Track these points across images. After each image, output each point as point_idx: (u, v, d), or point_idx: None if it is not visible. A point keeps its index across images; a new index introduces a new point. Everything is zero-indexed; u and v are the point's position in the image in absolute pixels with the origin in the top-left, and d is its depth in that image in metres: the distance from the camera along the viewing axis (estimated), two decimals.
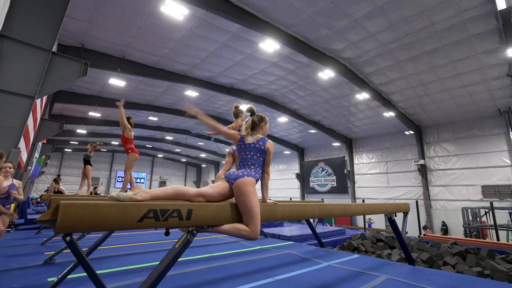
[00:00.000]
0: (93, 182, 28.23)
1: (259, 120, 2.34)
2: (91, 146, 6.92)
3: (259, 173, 2.13)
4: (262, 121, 2.35)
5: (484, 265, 4.62)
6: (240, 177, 1.97)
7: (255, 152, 2.17)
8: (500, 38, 8.39)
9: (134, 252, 4.11)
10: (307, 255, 4.13)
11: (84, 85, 12.42)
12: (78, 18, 8.07)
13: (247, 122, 2.37)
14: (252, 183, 1.97)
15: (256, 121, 2.33)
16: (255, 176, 2.06)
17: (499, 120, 13.75)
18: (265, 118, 2.40)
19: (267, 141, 2.21)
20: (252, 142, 2.21)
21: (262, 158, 2.18)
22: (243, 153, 2.22)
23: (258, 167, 2.14)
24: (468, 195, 14.30)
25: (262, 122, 2.34)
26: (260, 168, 2.16)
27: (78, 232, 1.30)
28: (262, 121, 2.35)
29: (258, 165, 2.15)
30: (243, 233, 1.83)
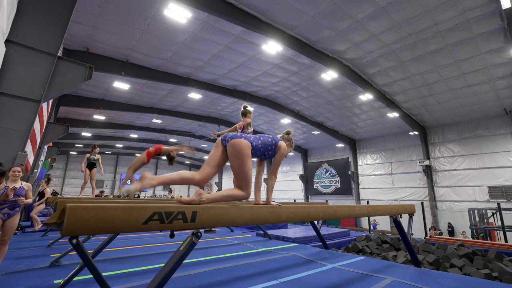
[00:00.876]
0: (98, 184, 28.47)
1: (287, 139, 2.44)
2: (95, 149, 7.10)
3: (257, 142, 2.11)
4: (288, 141, 2.43)
5: (492, 267, 4.55)
6: (236, 137, 1.94)
7: (269, 135, 2.24)
8: (505, 37, 8.31)
9: (140, 254, 4.12)
10: (311, 257, 4.11)
11: (89, 89, 12.56)
12: (83, 23, 8.17)
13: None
14: (247, 146, 1.97)
15: (285, 138, 2.43)
16: (253, 142, 2.06)
17: (505, 120, 13.58)
18: (292, 141, 2.47)
19: (282, 141, 2.27)
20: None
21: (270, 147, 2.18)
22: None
23: (261, 141, 2.14)
24: (475, 196, 14.12)
25: (287, 142, 2.42)
26: (261, 143, 2.14)
27: (84, 235, 1.32)
28: (288, 141, 2.43)
29: (263, 141, 2.15)
30: (239, 197, 1.90)
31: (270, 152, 2.20)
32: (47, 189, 7.20)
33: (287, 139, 2.42)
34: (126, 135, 21.59)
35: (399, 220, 3.58)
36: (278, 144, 2.21)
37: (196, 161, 33.93)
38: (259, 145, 2.11)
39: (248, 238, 6.06)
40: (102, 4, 7.48)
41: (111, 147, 26.22)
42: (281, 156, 2.22)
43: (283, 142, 2.27)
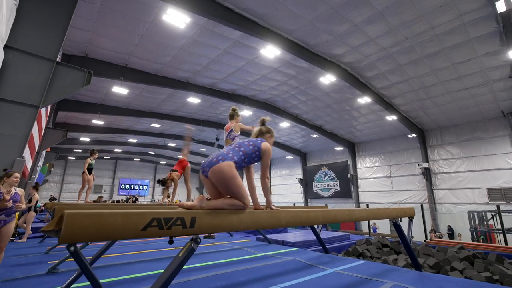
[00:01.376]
0: (96, 189, 28.34)
1: (266, 131, 2.44)
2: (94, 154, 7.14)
3: (240, 158, 1.98)
4: (268, 132, 2.44)
5: (493, 270, 4.54)
6: (214, 164, 1.86)
7: (249, 143, 2.16)
8: (501, 40, 8.39)
9: (138, 260, 4.09)
10: (311, 262, 4.08)
11: (88, 94, 12.56)
12: (82, 28, 8.20)
13: (255, 130, 2.50)
14: (227, 166, 1.85)
15: (264, 131, 2.44)
16: (233, 158, 1.93)
17: (503, 122, 13.65)
18: (272, 130, 2.48)
19: (265, 143, 2.21)
20: (252, 137, 2.36)
21: (252, 153, 2.09)
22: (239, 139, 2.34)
23: (242, 155, 2.02)
24: (474, 198, 14.13)
25: (267, 134, 2.43)
26: (245, 156, 2.03)
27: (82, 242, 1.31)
28: (268, 133, 2.44)
29: (244, 153, 2.04)
30: (238, 208, 1.86)
31: (255, 158, 2.14)
32: (36, 195, 7.05)
33: (266, 132, 2.43)
34: (125, 140, 21.56)
35: (399, 224, 3.57)
36: (261, 148, 2.15)
37: (195, 165, 33.83)
38: (241, 157, 2.01)
39: (248, 243, 6.02)
40: (101, 10, 7.52)
41: (109, 152, 26.16)
42: (268, 157, 2.18)
43: (265, 142, 2.21)
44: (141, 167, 32.57)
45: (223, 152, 2.00)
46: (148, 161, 32.16)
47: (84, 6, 7.17)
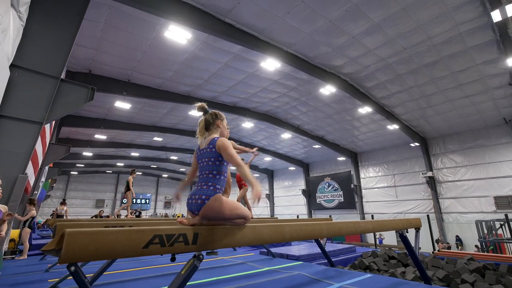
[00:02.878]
0: (98, 204, 28.23)
1: (212, 118, 2.06)
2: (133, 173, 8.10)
3: (219, 181, 1.88)
4: (217, 118, 2.07)
5: (505, 282, 4.38)
6: (200, 206, 1.78)
7: (208, 157, 1.90)
8: (499, 48, 8.48)
9: (140, 277, 4.00)
10: (317, 276, 3.97)
11: (91, 109, 12.73)
12: (86, 46, 8.41)
13: (200, 123, 2.09)
14: (214, 202, 1.77)
15: (210, 120, 2.06)
16: (215, 190, 1.82)
17: (505, 129, 13.59)
18: (219, 114, 2.09)
19: (217, 140, 1.91)
20: (204, 148, 1.95)
21: (218, 162, 1.89)
22: (199, 161, 1.98)
23: (217, 175, 1.88)
24: (481, 207, 13.87)
25: (217, 120, 2.06)
26: (220, 174, 1.90)
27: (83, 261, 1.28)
28: (217, 119, 2.06)
29: (217, 171, 1.89)
30: (239, 222, 1.85)
31: (219, 158, 1.91)
32: (32, 211, 6.97)
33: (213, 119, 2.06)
34: (127, 154, 21.63)
35: (405, 235, 3.49)
36: (215, 145, 1.89)
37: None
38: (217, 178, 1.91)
39: (252, 257, 5.90)
40: (104, 28, 7.73)
41: (112, 166, 26.22)
42: (225, 149, 1.85)
43: (220, 139, 1.92)
44: (143, 181, 32.50)
45: (203, 189, 1.85)
46: (150, 174, 32.13)
47: (88, 25, 7.38)
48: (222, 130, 2.10)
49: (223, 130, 2.11)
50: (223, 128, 2.11)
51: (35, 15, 4.54)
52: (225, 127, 2.14)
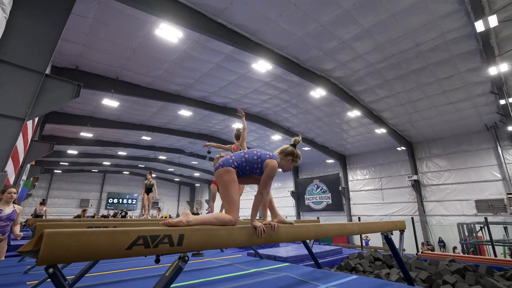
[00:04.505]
0: (83, 204, 27.47)
1: (287, 152, 2.27)
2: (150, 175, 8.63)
3: (240, 161, 2.07)
4: (289, 154, 2.26)
5: (483, 283, 4.54)
6: (216, 169, 2.06)
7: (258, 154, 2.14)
8: (482, 57, 8.82)
9: (124, 279, 3.91)
10: (304, 278, 4.00)
11: (77, 106, 12.40)
12: (74, 41, 8.19)
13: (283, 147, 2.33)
14: (226, 172, 2.00)
15: (285, 151, 2.28)
16: (233, 163, 2.03)
17: (487, 135, 14.12)
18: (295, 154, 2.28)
19: (272, 159, 2.10)
20: None
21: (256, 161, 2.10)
22: None
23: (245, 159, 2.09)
24: (463, 210, 14.34)
25: (288, 156, 2.26)
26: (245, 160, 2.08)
27: (63, 263, 1.24)
28: (288, 155, 2.26)
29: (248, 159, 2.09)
30: (226, 222, 1.88)
31: (257, 170, 2.11)
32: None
33: (288, 153, 2.25)
34: (114, 153, 21.17)
35: (390, 237, 3.56)
36: (264, 162, 2.09)
37: (185, 178, 33.40)
38: (243, 163, 2.07)
39: (239, 258, 5.87)
40: (93, 24, 7.55)
41: (97, 165, 25.58)
42: (267, 174, 2.05)
43: (273, 160, 2.09)
44: (130, 181, 31.87)
45: (227, 158, 2.10)
46: (137, 174, 31.54)
47: (76, 20, 7.19)
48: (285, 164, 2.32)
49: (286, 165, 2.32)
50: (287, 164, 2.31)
51: (19, 7, 4.38)
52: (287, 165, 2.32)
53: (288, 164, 2.24)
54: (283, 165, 2.24)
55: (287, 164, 2.24)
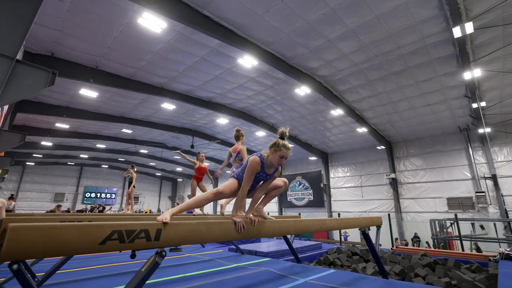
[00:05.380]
0: (57, 198, 26.32)
1: (273, 144, 2.26)
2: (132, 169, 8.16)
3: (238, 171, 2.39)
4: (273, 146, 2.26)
5: (451, 276, 4.82)
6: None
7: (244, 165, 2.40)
8: (458, 62, 9.24)
9: (98, 275, 3.79)
10: (283, 272, 4.06)
11: (52, 95, 11.77)
12: (49, 26, 7.73)
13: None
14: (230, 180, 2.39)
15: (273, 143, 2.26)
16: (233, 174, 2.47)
17: (459, 137, 14.90)
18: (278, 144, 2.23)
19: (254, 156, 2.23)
20: None
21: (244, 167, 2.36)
22: None
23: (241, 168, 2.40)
24: (435, 207, 15.10)
25: (273, 147, 2.26)
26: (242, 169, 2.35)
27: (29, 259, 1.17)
28: (273, 146, 2.26)
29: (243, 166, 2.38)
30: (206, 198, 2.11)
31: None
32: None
33: (273, 145, 2.24)
34: (92, 145, 20.37)
35: (367, 233, 3.68)
36: (248, 163, 2.19)
37: (167, 173, 32.80)
38: (240, 173, 2.33)
39: (220, 254, 5.86)
40: (71, 8, 7.16)
41: (74, 158, 24.50)
42: (246, 171, 2.18)
43: (251, 156, 2.20)
44: (110, 175, 30.87)
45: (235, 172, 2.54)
46: (117, 168, 30.58)
47: (52, 3, 6.78)
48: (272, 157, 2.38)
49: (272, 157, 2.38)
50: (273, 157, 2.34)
51: None
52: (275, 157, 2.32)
53: (274, 156, 2.19)
54: (271, 159, 2.21)
55: (273, 156, 2.20)
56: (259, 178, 2.28)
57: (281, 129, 2.27)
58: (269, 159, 2.21)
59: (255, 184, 2.34)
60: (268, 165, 2.22)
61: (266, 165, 2.21)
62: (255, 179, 2.24)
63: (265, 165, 2.20)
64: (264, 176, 2.27)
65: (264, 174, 2.25)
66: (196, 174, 6.17)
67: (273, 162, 2.20)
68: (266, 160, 2.21)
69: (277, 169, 2.33)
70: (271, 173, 2.28)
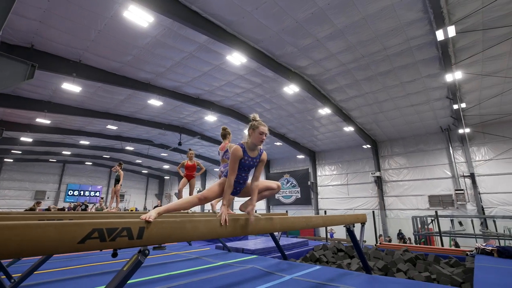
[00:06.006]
0: (38, 196, 25.38)
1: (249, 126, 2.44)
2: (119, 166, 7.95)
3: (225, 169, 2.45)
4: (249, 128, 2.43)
5: (431, 270, 4.99)
6: None
7: None
8: (440, 64, 9.54)
9: (78, 275, 3.69)
10: (270, 269, 4.09)
11: (32, 89, 11.28)
12: (29, 17, 7.39)
13: None
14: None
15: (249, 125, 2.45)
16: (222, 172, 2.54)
17: (441, 137, 15.44)
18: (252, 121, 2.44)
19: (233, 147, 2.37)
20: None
21: None
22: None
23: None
24: (417, 204, 15.61)
25: (249, 129, 2.42)
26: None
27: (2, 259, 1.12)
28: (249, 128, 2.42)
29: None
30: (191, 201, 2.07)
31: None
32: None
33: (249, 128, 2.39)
34: (75, 142, 19.72)
35: (352, 229, 3.76)
36: (231, 154, 2.33)
37: (154, 171, 32.27)
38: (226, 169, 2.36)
39: (207, 252, 5.84)
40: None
41: (56, 154, 23.65)
42: (230, 162, 2.28)
43: (234, 146, 2.33)
44: (94, 172, 30.04)
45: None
46: (102, 165, 29.80)
47: None
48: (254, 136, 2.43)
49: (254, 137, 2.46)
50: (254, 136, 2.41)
51: None
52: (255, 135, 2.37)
53: (254, 136, 2.30)
54: (252, 140, 2.31)
55: (253, 137, 2.30)
56: (246, 163, 2.31)
57: (253, 115, 2.44)
58: (250, 142, 2.31)
59: (246, 174, 2.41)
60: (251, 148, 2.32)
61: (248, 148, 2.31)
62: (244, 165, 2.31)
63: (247, 149, 2.30)
64: (250, 159, 2.31)
65: (250, 158, 2.31)
66: (185, 172, 6.10)
67: (255, 142, 2.29)
68: (247, 145, 2.32)
69: (262, 151, 2.41)
70: (255, 156, 2.35)
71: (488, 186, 13.63)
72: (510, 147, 13.34)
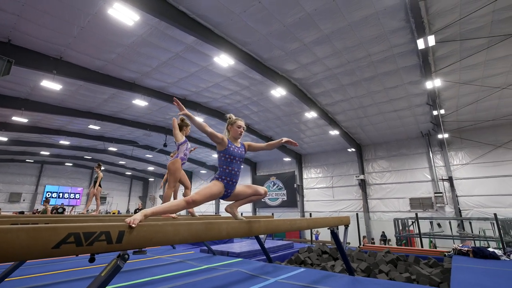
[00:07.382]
0: (13, 198, 24.16)
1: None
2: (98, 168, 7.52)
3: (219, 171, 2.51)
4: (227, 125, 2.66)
5: (411, 271, 5.15)
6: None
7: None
8: (421, 72, 9.93)
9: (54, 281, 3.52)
10: (255, 272, 4.06)
11: (8, 85, 10.74)
12: (6, 10, 7.06)
13: None
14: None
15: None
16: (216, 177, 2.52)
17: (421, 141, 16.03)
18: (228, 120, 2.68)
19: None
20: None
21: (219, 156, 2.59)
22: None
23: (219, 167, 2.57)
24: (399, 207, 16.08)
25: (228, 126, 2.64)
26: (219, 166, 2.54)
27: None
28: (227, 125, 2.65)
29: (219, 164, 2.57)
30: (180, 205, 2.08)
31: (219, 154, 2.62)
32: None
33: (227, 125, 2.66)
34: (55, 142, 18.95)
35: (336, 232, 3.81)
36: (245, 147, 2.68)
37: (138, 172, 31.51)
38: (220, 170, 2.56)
39: (191, 255, 5.74)
40: None
41: (33, 155, 22.62)
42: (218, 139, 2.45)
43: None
44: (74, 173, 28.94)
45: None
46: (83, 166, 28.76)
47: None
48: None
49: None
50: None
51: None
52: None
53: (233, 131, 2.58)
54: (232, 134, 2.58)
55: (232, 131, 2.58)
56: (236, 151, 2.51)
57: (229, 114, 2.70)
58: (231, 136, 2.60)
59: (239, 169, 2.57)
60: (233, 139, 2.59)
61: (231, 138, 2.58)
62: (235, 154, 2.50)
63: (230, 140, 2.55)
64: (236, 148, 2.53)
65: (235, 147, 2.54)
66: None
67: (234, 136, 2.58)
68: (229, 137, 2.59)
69: (243, 144, 2.67)
70: (239, 145, 2.60)
71: (465, 189, 14.26)
72: (485, 152, 14.03)
